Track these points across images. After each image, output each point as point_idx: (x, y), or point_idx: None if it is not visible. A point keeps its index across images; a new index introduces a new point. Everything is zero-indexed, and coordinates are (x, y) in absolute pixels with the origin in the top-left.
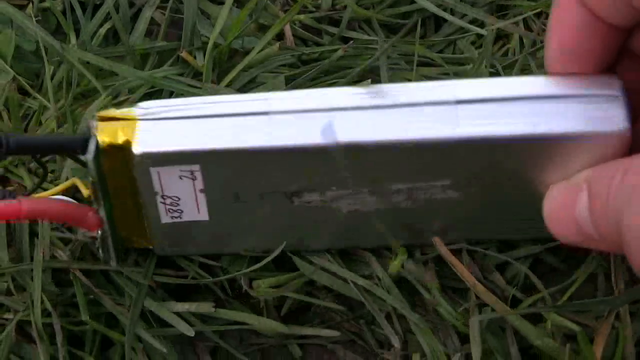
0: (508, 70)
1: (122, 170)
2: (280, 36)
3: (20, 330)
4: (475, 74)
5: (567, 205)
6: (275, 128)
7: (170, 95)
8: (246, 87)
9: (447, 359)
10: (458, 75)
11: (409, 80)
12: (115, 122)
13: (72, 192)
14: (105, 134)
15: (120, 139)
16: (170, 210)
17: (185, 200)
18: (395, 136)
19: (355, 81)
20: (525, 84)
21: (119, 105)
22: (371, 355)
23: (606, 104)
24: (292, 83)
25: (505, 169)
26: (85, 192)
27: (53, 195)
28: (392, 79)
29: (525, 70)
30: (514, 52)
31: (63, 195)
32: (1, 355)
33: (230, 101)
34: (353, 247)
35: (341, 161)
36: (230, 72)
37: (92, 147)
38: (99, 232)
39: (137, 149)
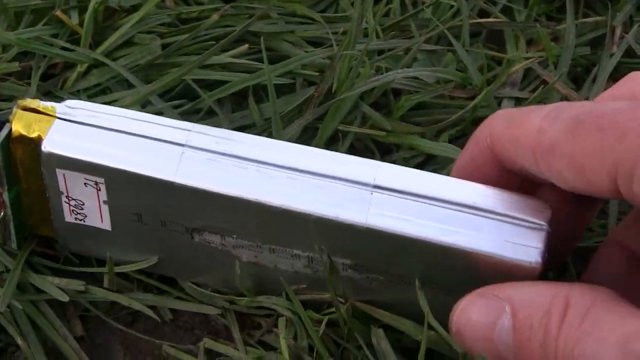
0: (387, 31)
1: (32, 161)
2: None
3: None
4: (354, 32)
5: (484, 324)
6: (185, 164)
7: (45, 57)
8: (121, 49)
9: None
10: (337, 34)
11: (290, 42)
12: (35, 114)
13: None
14: (20, 124)
15: (33, 133)
16: (74, 212)
17: (89, 206)
18: (302, 207)
19: (235, 41)
20: (451, 187)
21: None
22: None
23: (527, 232)
24: (168, 48)
25: (408, 265)
26: None
27: None
28: (270, 39)
29: (405, 31)
30: (394, 14)
31: None
32: None
33: (152, 122)
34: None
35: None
36: (105, 32)
37: (3, 133)
38: (1, 214)
39: (45, 147)
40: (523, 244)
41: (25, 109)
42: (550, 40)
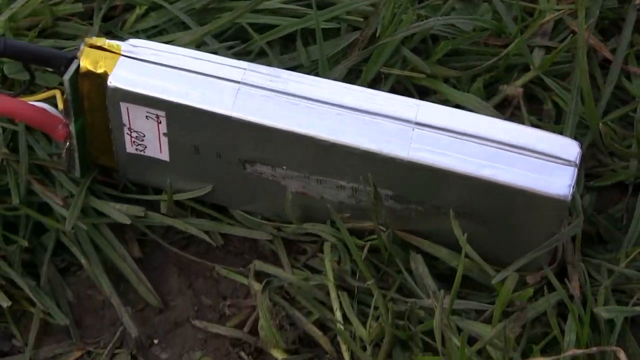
0: None
1: (97, 95)
2: None
3: None
4: None
5: None
6: (241, 99)
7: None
8: None
9: None
10: None
11: None
12: (101, 51)
13: None
14: (88, 60)
15: (100, 69)
16: (135, 143)
17: (149, 138)
18: (349, 141)
19: None
20: (488, 125)
21: (57, 4)
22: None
23: (557, 167)
24: None
25: (446, 197)
26: (60, 105)
27: (36, 100)
28: None
29: None
30: None
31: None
32: None
33: (210, 60)
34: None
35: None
36: None
37: (72, 68)
38: (67, 143)
39: (111, 82)
40: (554, 179)
41: (92, 46)
42: None
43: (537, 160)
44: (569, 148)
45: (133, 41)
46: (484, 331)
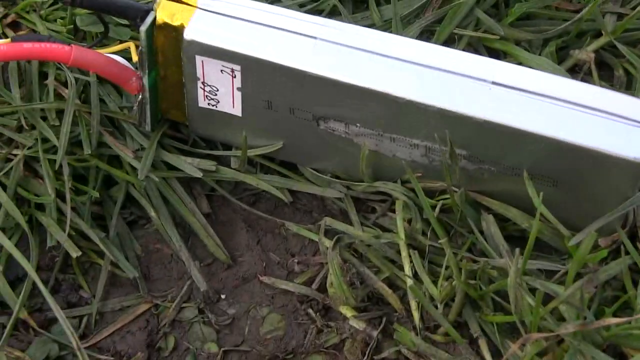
0: None
1: (172, 49)
2: None
3: (28, 167)
4: None
5: None
6: (317, 55)
7: None
8: None
9: None
10: None
11: None
12: (178, 4)
13: None
14: (164, 12)
15: (176, 21)
16: (208, 97)
17: (222, 93)
18: (425, 99)
19: None
20: (563, 86)
21: None
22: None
23: (633, 129)
24: None
25: (520, 157)
26: (135, 57)
27: (110, 52)
28: None
29: None
30: None
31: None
32: (10, 188)
33: (287, 15)
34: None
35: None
36: None
37: (148, 20)
38: (139, 96)
39: (188, 34)
40: (629, 141)
41: None
42: None
43: (612, 122)
44: None
45: None
46: (559, 291)
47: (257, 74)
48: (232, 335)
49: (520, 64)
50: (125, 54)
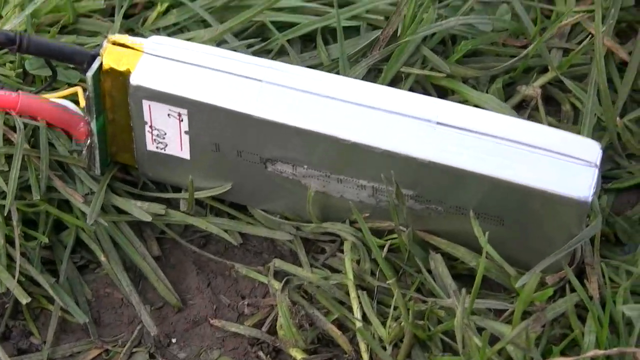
0: None
1: (119, 93)
2: None
3: None
4: None
5: None
6: (263, 98)
7: None
8: None
9: None
10: None
11: None
12: (124, 49)
13: None
14: (110, 58)
15: (123, 66)
16: (156, 141)
17: (170, 136)
18: (370, 141)
19: None
20: (508, 125)
21: (78, 1)
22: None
23: (578, 168)
24: None
25: (465, 197)
26: (82, 102)
27: (58, 97)
28: None
29: None
30: None
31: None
32: None
33: (232, 58)
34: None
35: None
36: None
37: (95, 66)
38: (87, 141)
39: (134, 79)
40: (574, 180)
41: (115, 43)
42: None
43: (557, 161)
44: (590, 149)
45: (155, 38)
46: (505, 331)
47: (203, 117)
48: None
49: (466, 101)
50: (74, 96)
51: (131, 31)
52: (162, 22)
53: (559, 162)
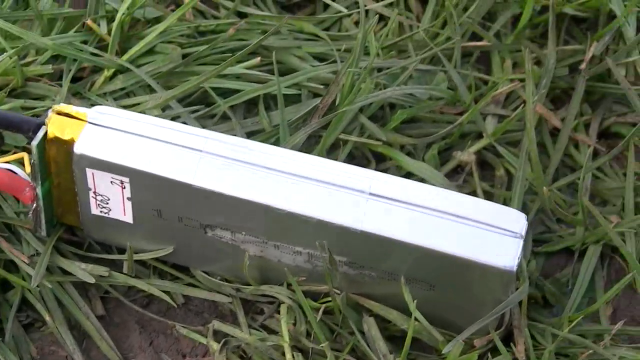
0: (386, 50)
1: (64, 160)
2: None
3: None
4: (358, 51)
5: None
6: (202, 168)
7: (75, 61)
8: (144, 57)
9: None
10: (340, 51)
11: (298, 57)
12: (68, 118)
13: None
14: (55, 127)
15: (67, 135)
16: (100, 206)
17: (114, 202)
18: (305, 211)
19: (249, 54)
20: (437, 196)
21: (27, 65)
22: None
23: (504, 239)
24: (187, 58)
25: (397, 264)
26: (27, 168)
27: (4, 162)
28: (280, 53)
29: (402, 52)
30: (393, 34)
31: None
32: None
33: (173, 129)
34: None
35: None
36: (130, 40)
37: (40, 134)
38: (33, 205)
39: (78, 148)
40: (500, 250)
41: (60, 113)
42: (534, 63)
43: (484, 232)
44: (516, 220)
45: (98, 108)
46: None
47: (145, 185)
48: None
49: (400, 168)
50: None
51: (79, 94)
52: (109, 87)
53: (486, 233)
